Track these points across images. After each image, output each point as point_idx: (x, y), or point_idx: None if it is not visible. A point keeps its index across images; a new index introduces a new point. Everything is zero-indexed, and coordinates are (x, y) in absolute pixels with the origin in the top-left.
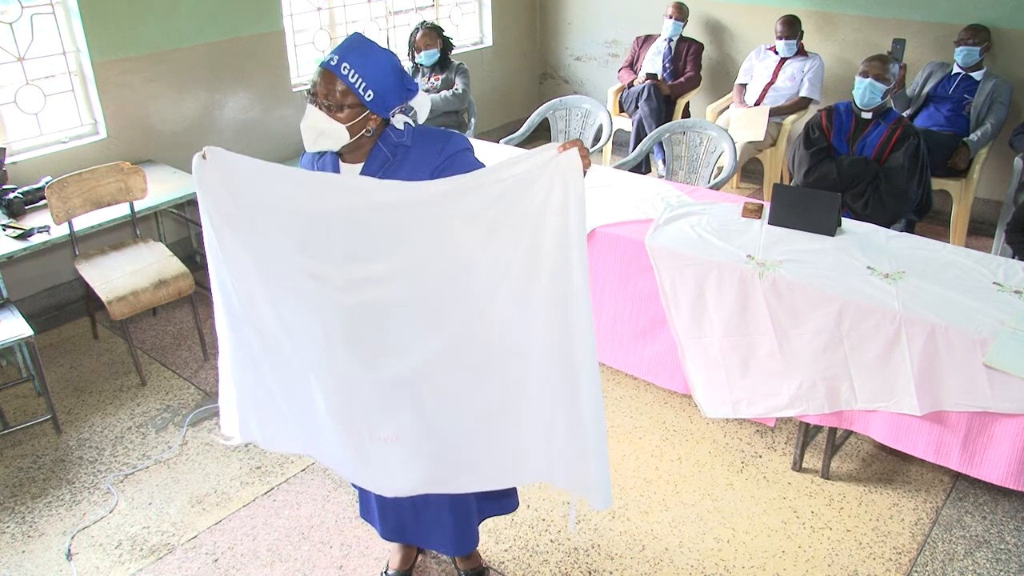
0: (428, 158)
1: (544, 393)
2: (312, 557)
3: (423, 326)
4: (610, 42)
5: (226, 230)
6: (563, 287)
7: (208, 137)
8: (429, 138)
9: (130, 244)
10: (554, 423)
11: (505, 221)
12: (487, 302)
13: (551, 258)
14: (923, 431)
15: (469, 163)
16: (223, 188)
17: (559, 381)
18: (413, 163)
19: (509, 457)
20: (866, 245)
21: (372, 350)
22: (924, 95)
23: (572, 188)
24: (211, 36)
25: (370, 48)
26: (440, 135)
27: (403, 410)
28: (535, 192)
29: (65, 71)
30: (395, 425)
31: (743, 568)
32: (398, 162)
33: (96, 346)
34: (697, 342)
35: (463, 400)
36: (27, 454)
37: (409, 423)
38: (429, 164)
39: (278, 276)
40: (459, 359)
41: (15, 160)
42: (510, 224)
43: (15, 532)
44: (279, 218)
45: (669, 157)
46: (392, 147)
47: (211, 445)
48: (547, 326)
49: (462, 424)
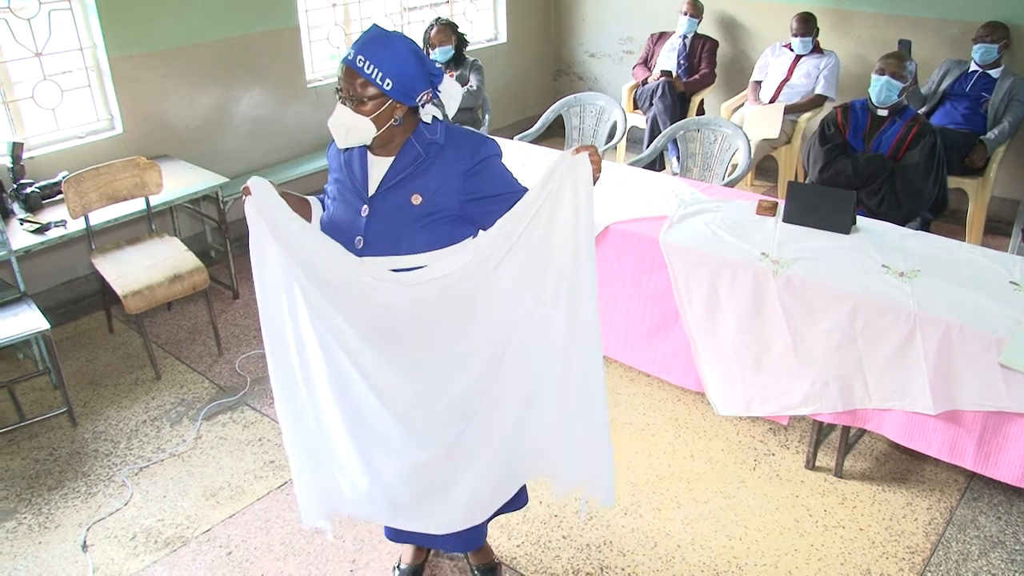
0: (461, 159)
1: (552, 392)
2: (325, 551)
3: (464, 324)
4: (625, 39)
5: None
6: (571, 286)
7: (223, 133)
8: (463, 139)
9: (145, 239)
10: (560, 421)
11: (522, 223)
12: (508, 302)
13: (561, 258)
14: (937, 430)
15: (499, 169)
16: (278, 225)
17: (566, 380)
18: (445, 162)
19: (524, 457)
20: (881, 243)
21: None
22: (941, 92)
23: (581, 190)
24: (226, 32)
25: (385, 37)
26: (474, 138)
27: (462, 420)
28: (546, 193)
29: (82, 67)
30: (457, 433)
31: (755, 566)
32: (430, 160)
33: (112, 340)
34: (710, 339)
35: (499, 403)
36: (43, 446)
37: (467, 434)
38: (461, 165)
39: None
40: (492, 360)
41: (32, 155)
42: (526, 225)
43: (32, 523)
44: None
45: (683, 154)
46: (425, 144)
47: (225, 439)
48: (555, 326)
49: (505, 427)
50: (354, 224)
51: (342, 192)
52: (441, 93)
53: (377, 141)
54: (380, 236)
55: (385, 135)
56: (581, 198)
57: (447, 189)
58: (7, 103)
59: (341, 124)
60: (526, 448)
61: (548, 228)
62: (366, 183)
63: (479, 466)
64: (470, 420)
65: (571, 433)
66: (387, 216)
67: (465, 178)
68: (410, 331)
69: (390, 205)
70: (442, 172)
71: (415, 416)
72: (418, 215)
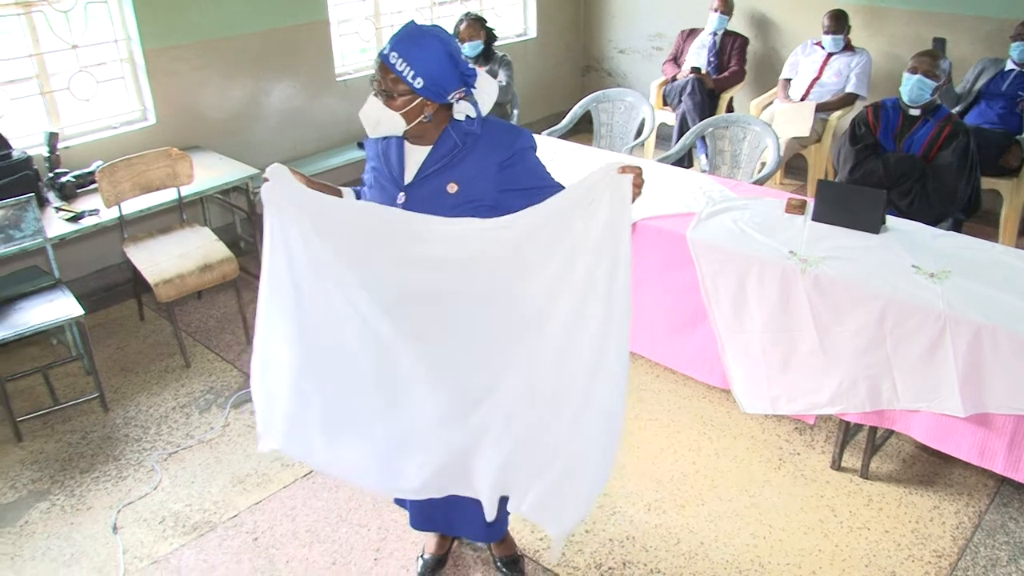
0: (497, 150)
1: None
2: (350, 539)
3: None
4: (654, 35)
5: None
6: (604, 309)
7: (254, 125)
8: (500, 130)
9: (177, 228)
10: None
11: (560, 230)
12: (533, 303)
13: (591, 277)
14: (967, 433)
15: (533, 163)
16: (299, 206)
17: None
18: (482, 152)
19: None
20: (911, 243)
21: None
22: (976, 91)
23: (617, 211)
24: (257, 25)
25: (421, 36)
26: (511, 129)
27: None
28: (586, 202)
29: (117, 58)
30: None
31: (778, 565)
32: (467, 149)
33: (143, 327)
34: (737, 337)
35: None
36: (76, 430)
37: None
38: (497, 156)
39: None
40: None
41: (68, 145)
42: (563, 233)
43: (64, 505)
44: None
45: (712, 152)
46: (463, 134)
47: (252, 427)
48: (582, 344)
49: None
50: None
51: (379, 180)
52: (476, 90)
53: (409, 133)
54: None
55: (415, 129)
56: (617, 216)
57: (483, 178)
58: (44, 94)
59: (371, 116)
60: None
61: (578, 240)
62: (403, 171)
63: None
64: (487, 409)
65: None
66: (423, 204)
67: (500, 169)
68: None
69: (426, 193)
70: (478, 162)
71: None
72: (454, 203)
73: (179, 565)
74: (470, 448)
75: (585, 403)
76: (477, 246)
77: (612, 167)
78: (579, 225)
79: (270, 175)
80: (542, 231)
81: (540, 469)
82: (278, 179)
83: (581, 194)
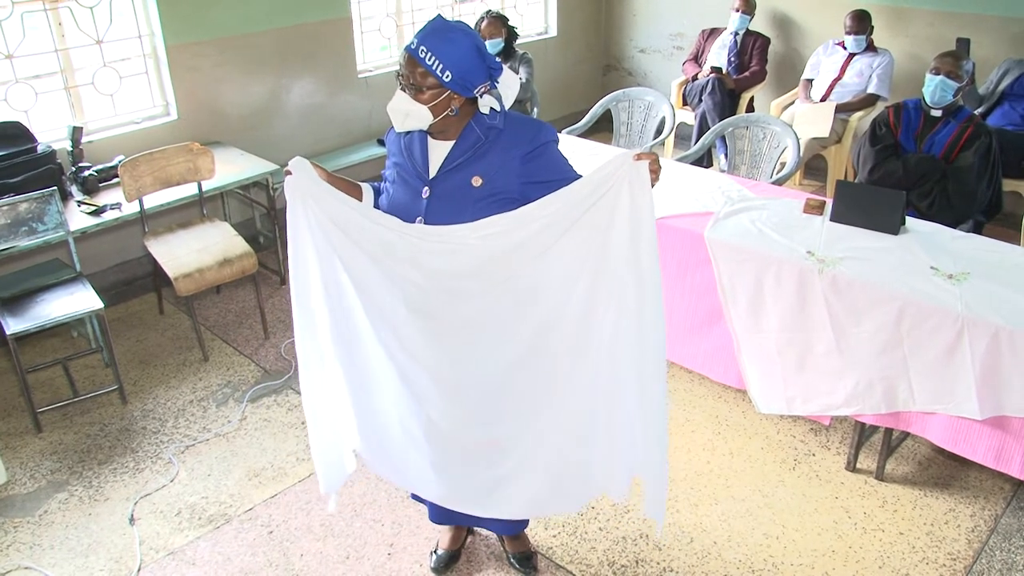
0: (520, 144)
1: (606, 401)
2: (364, 534)
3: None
4: (675, 35)
5: (336, 233)
6: (635, 294)
7: (274, 121)
8: (522, 124)
9: (197, 223)
10: (613, 435)
11: (580, 220)
12: (557, 298)
13: (617, 266)
14: (983, 436)
15: (556, 156)
16: (319, 200)
17: (621, 392)
18: (504, 146)
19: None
20: (930, 245)
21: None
22: (999, 93)
23: (639, 197)
24: (279, 22)
25: (448, 30)
26: (533, 123)
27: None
28: (602, 191)
29: (140, 54)
30: (506, 428)
31: (792, 565)
32: (490, 143)
33: (162, 321)
34: (753, 337)
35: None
36: (95, 422)
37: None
38: (520, 149)
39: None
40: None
41: (91, 139)
42: (584, 224)
43: (82, 495)
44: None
45: (731, 151)
46: (485, 128)
47: (269, 421)
48: (610, 335)
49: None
50: (414, 206)
51: (402, 175)
52: (499, 85)
53: (434, 127)
54: (440, 217)
55: (442, 123)
56: (639, 203)
57: (507, 171)
58: (69, 89)
59: (399, 110)
60: (586, 458)
61: (603, 232)
62: (427, 166)
63: (532, 463)
64: (513, 413)
65: (625, 447)
66: (447, 198)
67: (523, 162)
68: (450, 307)
69: (450, 187)
70: (501, 155)
71: (452, 394)
72: (478, 196)
73: (195, 557)
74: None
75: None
76: (497, 246)
77: (627, 155)
78: (602, 217)
79: (293, 168)
80: (559, 225)
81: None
82: (301, 172)
83: (598, 183)
